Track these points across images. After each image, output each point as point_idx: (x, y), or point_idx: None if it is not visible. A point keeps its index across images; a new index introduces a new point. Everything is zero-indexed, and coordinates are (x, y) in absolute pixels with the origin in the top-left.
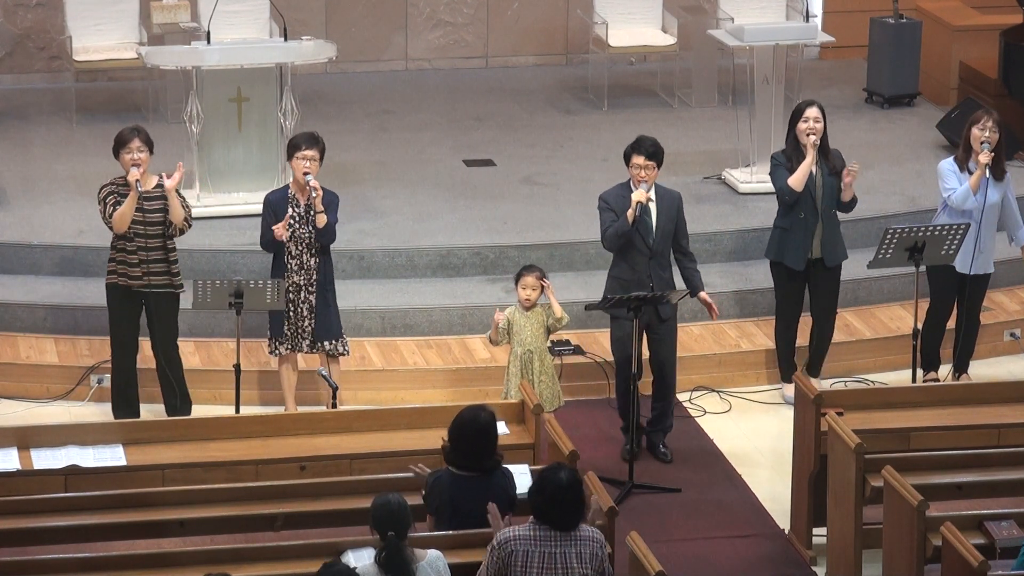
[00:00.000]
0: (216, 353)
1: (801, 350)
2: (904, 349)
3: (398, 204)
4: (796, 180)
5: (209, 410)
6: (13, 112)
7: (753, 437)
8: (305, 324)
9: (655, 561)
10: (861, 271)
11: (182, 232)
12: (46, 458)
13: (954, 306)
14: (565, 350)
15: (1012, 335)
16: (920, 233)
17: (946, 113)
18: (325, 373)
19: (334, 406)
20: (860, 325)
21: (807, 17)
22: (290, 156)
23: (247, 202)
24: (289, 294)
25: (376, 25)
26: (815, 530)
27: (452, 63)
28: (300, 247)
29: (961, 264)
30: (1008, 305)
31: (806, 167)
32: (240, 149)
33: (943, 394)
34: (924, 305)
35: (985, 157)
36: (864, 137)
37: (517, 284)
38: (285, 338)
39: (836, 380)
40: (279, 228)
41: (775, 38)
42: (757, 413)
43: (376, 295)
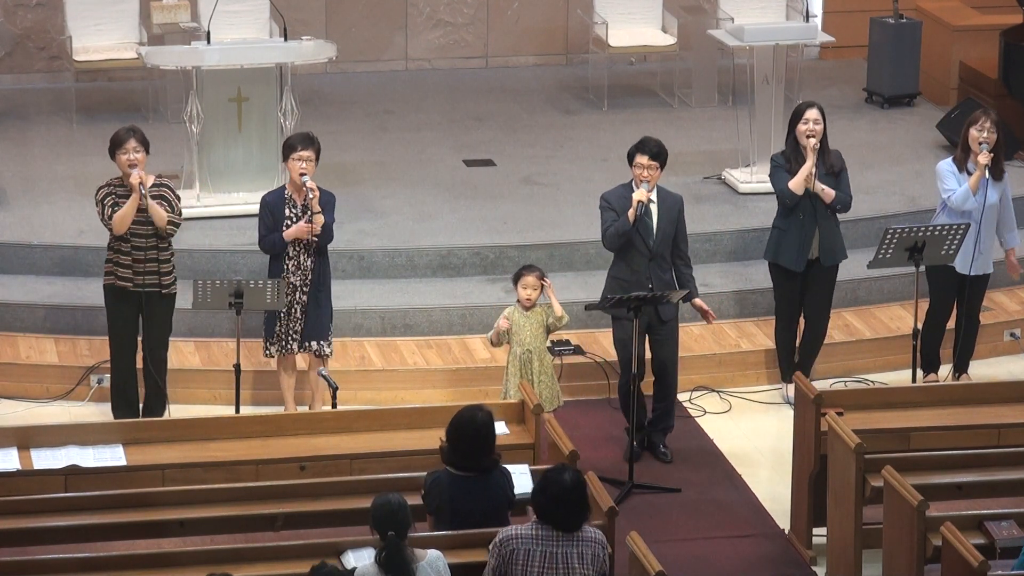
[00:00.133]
0: (216, 353)
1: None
2: (904, 349)
3: (398, 204)
4: (796, 184)
5: (209, 410)
6: (13, 112)
7: (753, 437)
8: (296, 324)
9: (655, 561)
10: (861, 271)
11: (169, 235)
12: (46, 458)
13: (953, 307)
14: (565, 350)
15: (1012, 335)
16: (920, 233)
17: (946, 113)
18: (325, 373)
19: (333, 406)
20: (860, 325)
21: (807, 17)
22: (286, 157)
23: (247, 202)
24: (287, 295)
25: (376, 25)
26: (815, 530)
27: (452, 63)
28: (298, 248)
29: (961, 265)
30: (1008, 305)
31: (806, 171)
32: (240, 149)
33: (943, 394)
34: (924, 305)
35: (984, 158)
36: (864, 137)
37: (517, 284)
38: (276, 339)
39: (836, 380)
40: (300, 229)
41: (775, 38)
42: (757, 413)
43: (376, 295)
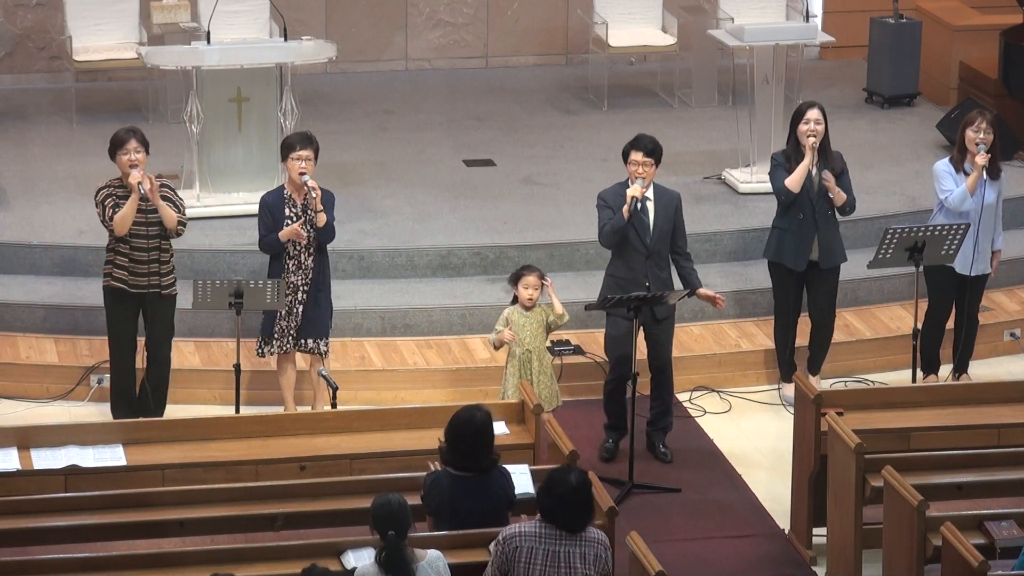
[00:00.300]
0: (216, 353)
1: (801, 350)
2: (904, 349)
3: (398, 204)
4: (793, 181)
5: (209, 410)
6: (13, 112)
7: (753, 437)
8: (296, 323)
9: (655, 561)
10: (861, 271)
11: (178, 235)
12: (46, 458)
13: (952, 307)
14: (565, 350)
15: (1012, 335)
16: (920, 233)
17: (946, 113)
18: (325, 373)
19: (333, 406)
20: (860, 325)
21: (807, 17)
22: (284, 157)
23: (247, 202)
24: (287, 296)
25: (376, 25)
26: (815, 530)
27: (452, 63)
28: (298, 247)
29: (961, 265)
30: (1008, 305)
31: (803, 168)
32: (240, 149)
33: (943, 394)
34: (923, 305)
35: (982, 159)
36: (864, 137)
37: (517, 284)
38: (273, 338)
39: (836, 380)
40: (294, 229)
41: (775, 38)
42: (757, 413)
43: (376, 295)
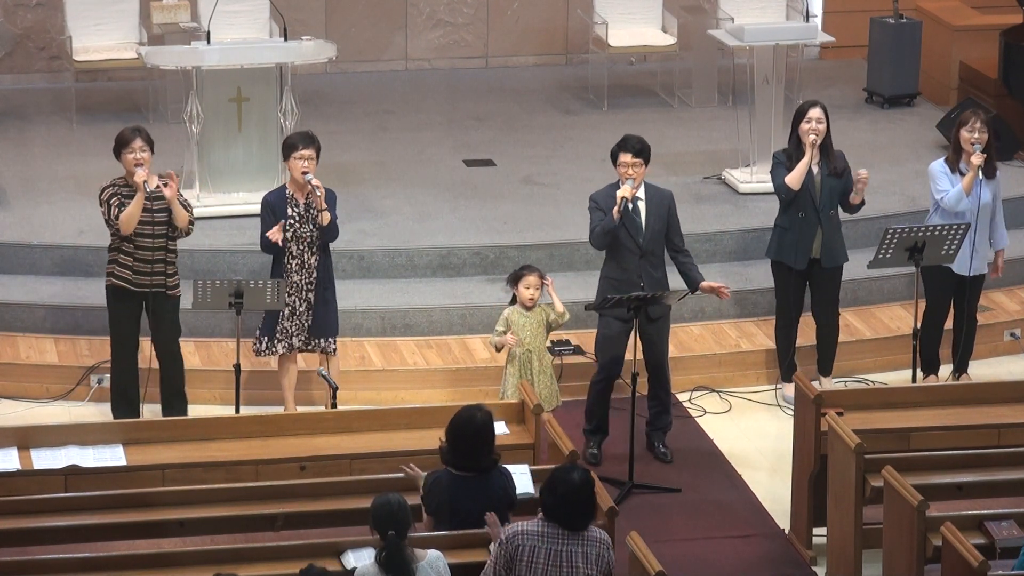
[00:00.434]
0: (216, 353)
1: (802, 350)
2: (904, 349)
3: (398, 204)
4: (793, 178)
5: (209, 410)
6: (13, 112)
7: (753, 437)
8: (302, 321)
9: (655, 561)
10: (861, 271)
11: (188, 234)
12: (46, 458)
13: (950, 307)
14: (565, 350)
15: (1012, 335)
16: (920, 233)
17: (946, 113)
18: (325, 373)
19: (334, 406)
20: (860, 325)
21: (807, 17)
22: (286, 156)
23: (247, 202)
24: (288, 295)
25: (376, 25)
26: (815, 530)
27: (452, 63)
28: (301, 246)
29: (959, 266)
30: (1008, 305)
31: (803, 166)
32: (240, 149)
33: (943, 394)
34: (922, 306)
35: (977, 159)
36: (864, 137)
37: (518, 284)
38: (278, 338)
39: (836, 380)
40: (275, 232)
41: (775, 38)
42: (757, 413)
43: (376, 295)
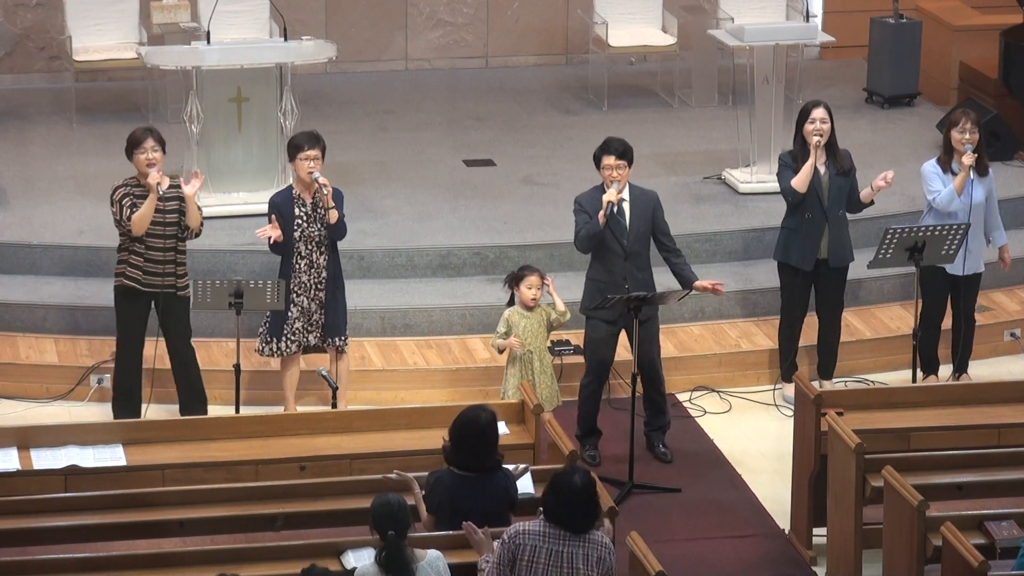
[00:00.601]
0: (216, 353)
1: (802, 350)
2: (904, 349)
3: (398, 204)
4: (799, 181)
5: (209, 410)
6: (13, 112)
7: (753, 437)
8: (314, 319)
9: (655, 561)
10: (861, 271)
11: (197, 235)
12: (46, 458)
13: (947, 307)
14: (565, 350)
15: (1012, 335)
16: (920, 233)
17: (946, 113)
18: (325, 373)
19: (334, 406)
20: (860, 325)
21: (807, 17)
22: (292, 157)
23: (247, 202)
24: (297, 295)
25: (376, 25)
26: (815, 530)
27: (452, 63)
28: (310, 246)
29: (952, 266)
30: (1008, 305)
31: (809, 168)
32: (240, 149)
33: (943, 394)
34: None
35: (969, 159)
36: (864, 137)
37: (519, 285)
38: (290, 338)
39: (836, 380)
40: (266, 230)
41: (775, 38)
42: (757, 413)
43: (376, 295)
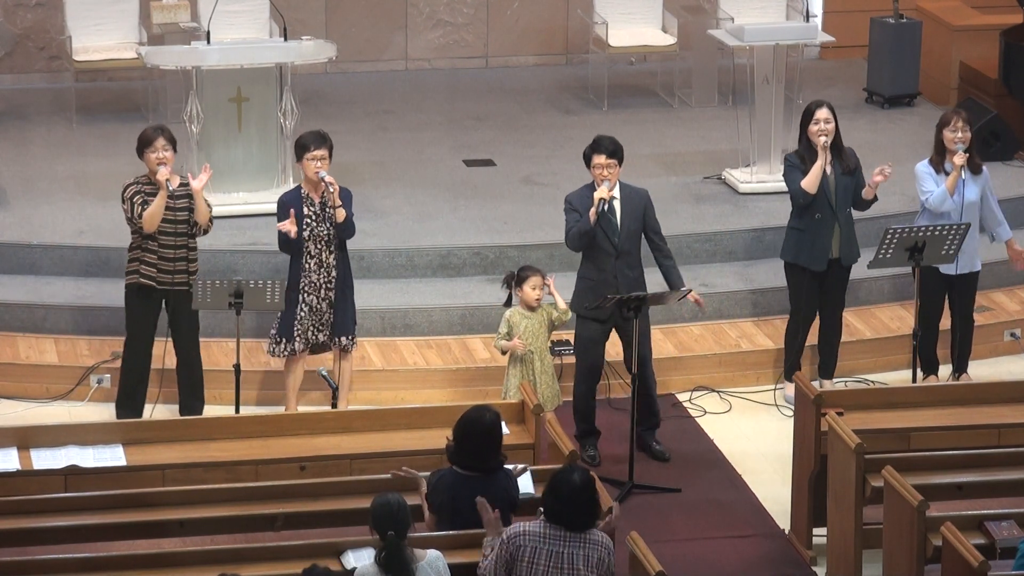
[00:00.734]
0: (216, 353)
1: (805, 350)
2: (904, 349)
3: (398, 204)
4: (809, 182)
5: (209, 410)
6: (13, 112)
7: (753, 437)
8: (325, 319)
9: (655, 561)
10: (861, 271)
11: (206, 232)
12: (46, 458)
13: (943, 307)
14: (565, 350)
15: (1012, 335)
16: (920, 233)
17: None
18: (325, 373)
19: (334, 406)
20: (860, 325)
21: (807, 17)
22: (299, 157)
23: (247, 202)
24: (308, 294)
25: (376, 25)
26: (815, 530)
27: (452, 63)
28: (319, 245)
29: (946, 265)
30: (1008, 305)
31: (818, 169)
32: (240, 149)
33: (943, 394)
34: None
35: (960, 159)
36: (864, 137)
37: (523, 286)
38: (295, 338)
39: (836, 380)
40: (286, 224)
41: (775, 38)
42: (757, 413)
43: (376, 295)
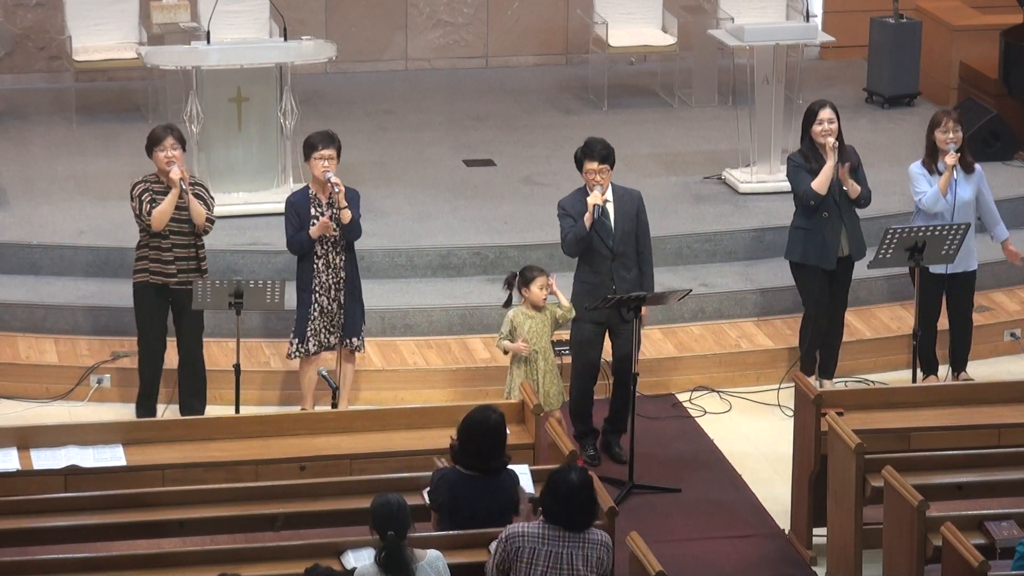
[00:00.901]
0: (216, 353)
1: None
2: (904, 349)
3: (398, 204)
4: (820, 184)
5: (209, 410)
6: (13, 112)
7: (753, 437)
8: (335, 320)
9: (655, 561)
10: (861, 271)
11: (205, 232)
12: (46, 458)
13: (940, 307)
14: (564, 350)
15: (1012, 335)
16: (920, 233)
17: None
18: (325, 373)
19: (334, 406)
20: (860, 325)
21: (807, 17)
22: (307, 157)
23: (247, 202)
24: (318, 295)
25: (376, 25)
26: (815, 530)
27: (452, 63)
28: (326, 246)
29: (937, 266)
30: (1008, 305)
31: (828, 170)
32: (240, 149)
33: (943, 394)
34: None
35: (951, 159)
36: (864, 137)
37: (529, 286)
38: (308, 339)
39: (836, 380)
40: (324, 222)
41: (775, 38)
42: (757, 413)
43: (376, 295)
